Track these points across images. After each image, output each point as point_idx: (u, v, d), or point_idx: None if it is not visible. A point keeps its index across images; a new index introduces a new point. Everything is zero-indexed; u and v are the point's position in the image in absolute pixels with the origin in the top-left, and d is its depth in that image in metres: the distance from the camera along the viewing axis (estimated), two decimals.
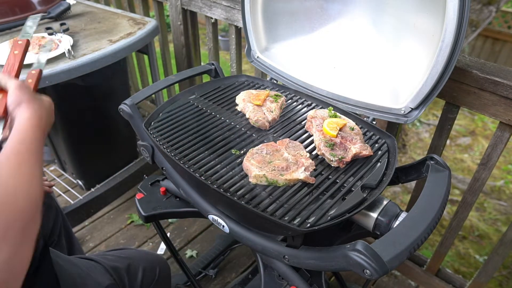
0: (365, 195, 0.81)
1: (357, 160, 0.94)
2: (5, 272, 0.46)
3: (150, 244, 1.91)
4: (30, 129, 0.64)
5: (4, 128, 0.71)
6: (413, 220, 0.72)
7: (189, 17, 1.91)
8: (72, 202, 1.95)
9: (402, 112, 1.02)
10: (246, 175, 0.88)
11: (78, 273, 0.94)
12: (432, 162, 0.88)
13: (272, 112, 1.08)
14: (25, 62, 0.88)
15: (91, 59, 1.42)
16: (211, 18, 1.75)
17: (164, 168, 1.08)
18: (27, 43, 0.88)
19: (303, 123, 1.09)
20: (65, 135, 1.81)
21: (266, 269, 0.99)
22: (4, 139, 0.67)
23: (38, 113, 0.67)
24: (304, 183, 0.86)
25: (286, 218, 0.77)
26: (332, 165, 0.93)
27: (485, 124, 3.93)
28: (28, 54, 0.92)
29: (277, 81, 1.32)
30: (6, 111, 0.69)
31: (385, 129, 1.08)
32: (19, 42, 0.88)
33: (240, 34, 1.70)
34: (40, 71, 0.88)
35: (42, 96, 0.73)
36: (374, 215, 0.81)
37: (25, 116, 0.65)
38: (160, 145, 0.96)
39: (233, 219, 0.93)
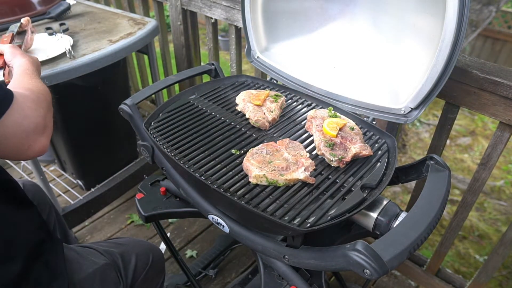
0: (365, 195, 0.81)
1: (357, 160, 0.94)
2: (44, 120, 0.77)
3: None
4: (28, 64, 0.93)
5: (4, 75, 1.00)
6: (413, 220, 0.72)
7: (189, 17, 1.91)
8: (72, 202, 1.95)
9: (402, 112, 1.02)
10: (246, 175, 0.88)
11: (74, 256, 0.97)
12: (432, 162, 0.88)
13: (272, 112, 1.08)
14: None
15: (91, 59, 1.42)
16: (211, 18, 1.75)
17: (164, 168, 1.08)
18: (13, 35, 1.23)
19: (303, 123, 1.09)
20: (65, 135, 1.81)
21: (266, 269, 0.99)
22: (6, 84, 0.94)
23: (30, 58, 0.97)
24: (304, 183, 0.86)
25: (286, 218, 0.77)
26: (332, 165, 0.93)
27: (485, 124, 3.93)
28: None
29: (277, 81, 1.32)
30: (4, 64, 0.99)
31: (385, 129, 1.08)
32: (6, 34, 1.23)
33: (240, 34, 1.70)
34: (12, 34, 1.23)
35: (31, 55, 1.01)
36: (374, 215, 0.81)
37: (22, 59, 0.94)
38: (160, 145, 0.96)
39: (233, 219, 0.93)
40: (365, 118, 1.11)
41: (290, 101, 1.21)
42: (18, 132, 0.70)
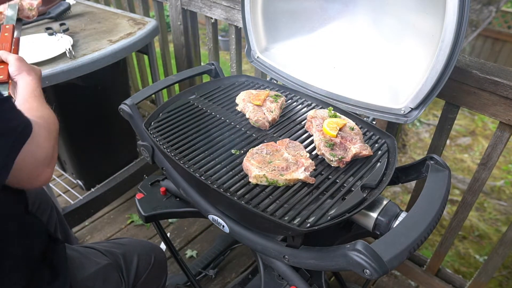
0: (365, 195, 0.81)
1: (357, 160, 0.94)
2: (52, 150, 0.76)
3: None
4: (35, 85, 0.90)
5: (9, 90, 0.93)
6: (413, 220, 0.72)
7: (189, 17, 1.91)
8: (72, 202, 1.94)
9: (402, 112, 1.02)
10: (246, 175, 0.88)
11: (77, 256, 0.98)
12: (432, 162, 0.88)
13: (272, 112, 1.08)
14: None
15: (91, 59, 1.42)
16: (211, 18, 1.75)
17: (164, 168, 1.08)
18: (13, 27, 1.09)
19: (303, 123, 1.09)
20: (65, 135, 1.81)
21: (266, 269, 0.99)
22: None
23: (36, 76, 0.93)
24: (304, 183, 0.86)
25: (286, 218, 0.77)
26: (332, 165, 0.93)
27: (485, 124, 3.93)
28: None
29: (277, 81, 1.32)
30: (8, 77, 0.91)
31: (385, 129, 1.08)
32: (7, 26, 1.08)
33: (240, 34, 1.70)
34: (13, 26, 1.09)
35: (34, 66, 0.96)
36: (374, 215, 0.81)
37: (29, 79, 0.90)
38: (160, 145, 0.96)
39: (233, 219, 0.93)
40: (365, 118, 1.11)
41: (290, 101, 1.21)
42: (31, 161, 0.71)
